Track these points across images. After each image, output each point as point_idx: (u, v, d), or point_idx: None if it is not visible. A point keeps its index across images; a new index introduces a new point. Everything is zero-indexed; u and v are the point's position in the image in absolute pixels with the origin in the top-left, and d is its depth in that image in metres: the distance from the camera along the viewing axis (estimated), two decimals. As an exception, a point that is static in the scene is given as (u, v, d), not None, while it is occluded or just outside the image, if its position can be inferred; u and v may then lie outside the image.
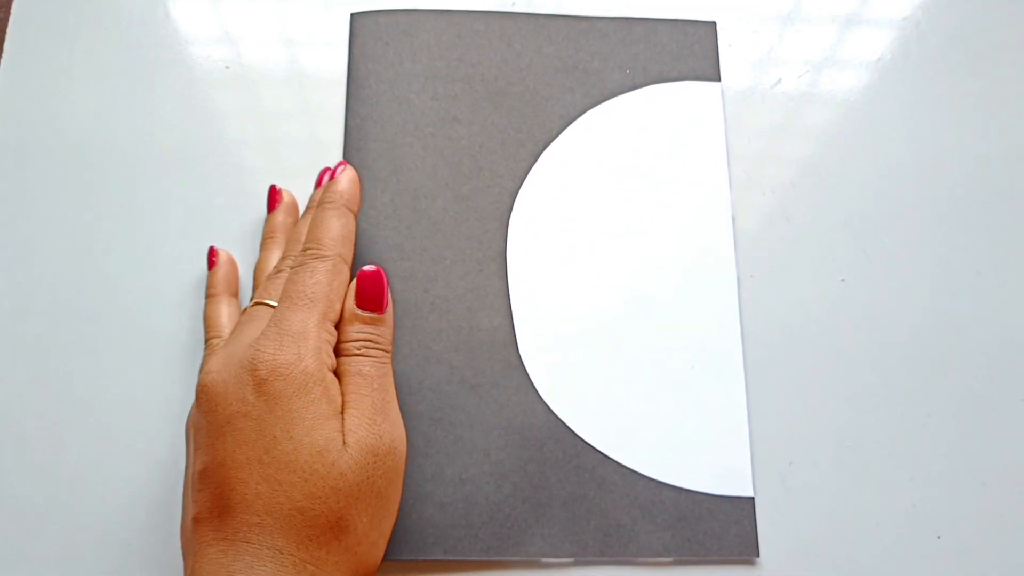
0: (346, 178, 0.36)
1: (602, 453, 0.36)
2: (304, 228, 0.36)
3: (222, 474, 0.29)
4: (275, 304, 0.33)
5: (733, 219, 0.40)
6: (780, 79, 0.43)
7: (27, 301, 0.38)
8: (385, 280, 0.34)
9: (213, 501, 0.29)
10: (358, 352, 0.33)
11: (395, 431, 0.32)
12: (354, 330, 0.33)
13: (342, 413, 0.31)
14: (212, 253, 0.38)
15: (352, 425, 0.31)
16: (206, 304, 0.37)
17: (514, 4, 0.43)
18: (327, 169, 0.38)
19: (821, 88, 0.43)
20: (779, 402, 0.38)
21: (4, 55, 0.41)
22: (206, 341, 0.36)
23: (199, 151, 0.40)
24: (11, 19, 0.42)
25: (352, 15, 0.42)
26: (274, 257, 0.37)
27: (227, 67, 0.42)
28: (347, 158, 0.40)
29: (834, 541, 0.36)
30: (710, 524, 0.36)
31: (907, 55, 0.44)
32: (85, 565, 0.35)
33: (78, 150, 0.40)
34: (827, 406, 0.38)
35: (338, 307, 0.33)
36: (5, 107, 0.41)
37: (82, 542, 0.35)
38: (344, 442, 0.30)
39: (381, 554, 0.32)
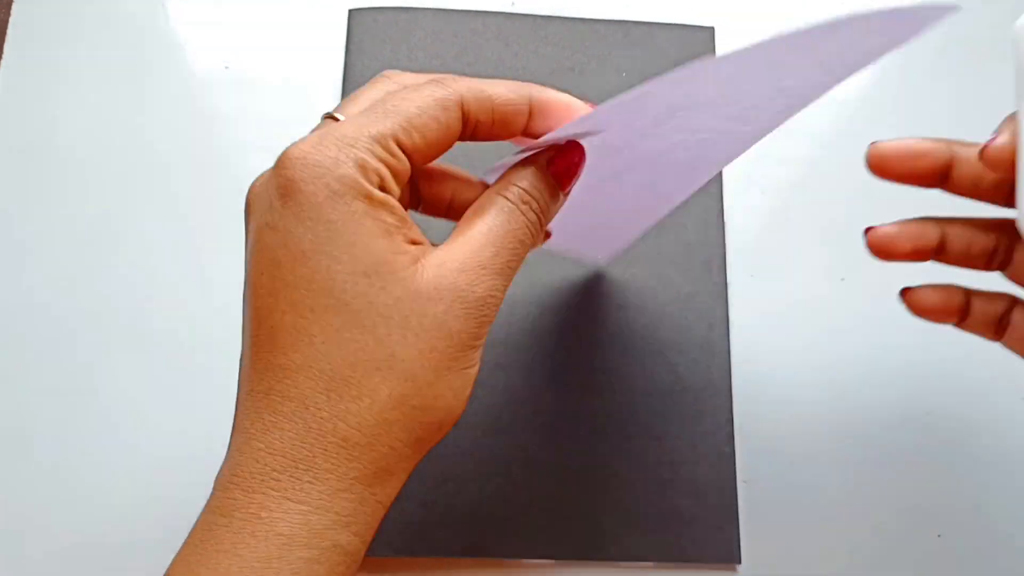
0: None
1: (588, 450, 0.36)
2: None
3: (257, 306, 0.24)
4: (335, 114, 0.27)
5: (724, 213, 0.40)
6: (778, 81, 0.43)
7: (27, 301, 0.38)
8: (582, 166, 0.27)
9: (249, 344, 0.24)
10: (514, 199, 0.26)
11: (496, 298, 0.25)
12: (526, 180, 0.26)
13: (447, 241, 0.25)
14: None
15: (451, 255, 0.24)
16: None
17: (513, 4, 0.43)
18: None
19: None
20: (778, 401, 0.38)
21: (4, 56, 0.41)
22: None
23: (198, 151, 0.40)
24: (11, 20, 0.42)
25: (350, 11, 0.43)
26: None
27: (226, 67, 0.42)
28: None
29: (834, 540, 0.36)
30: (692, 529, 0.36)
31: (907, 55, 0.43)
32: (85, 564, 0.35)
33: (77, 151, 0.40)
34: (826, 405, 0.38)
35: (419, 139, 0.25)
36: (5, 108, 0.41)
37: (84, 540, 0.35)
38: (417, 260, 0.24)
39: (451, 421, 0.25)
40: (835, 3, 0.45)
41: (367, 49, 0.42)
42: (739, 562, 0.36)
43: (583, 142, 0.27)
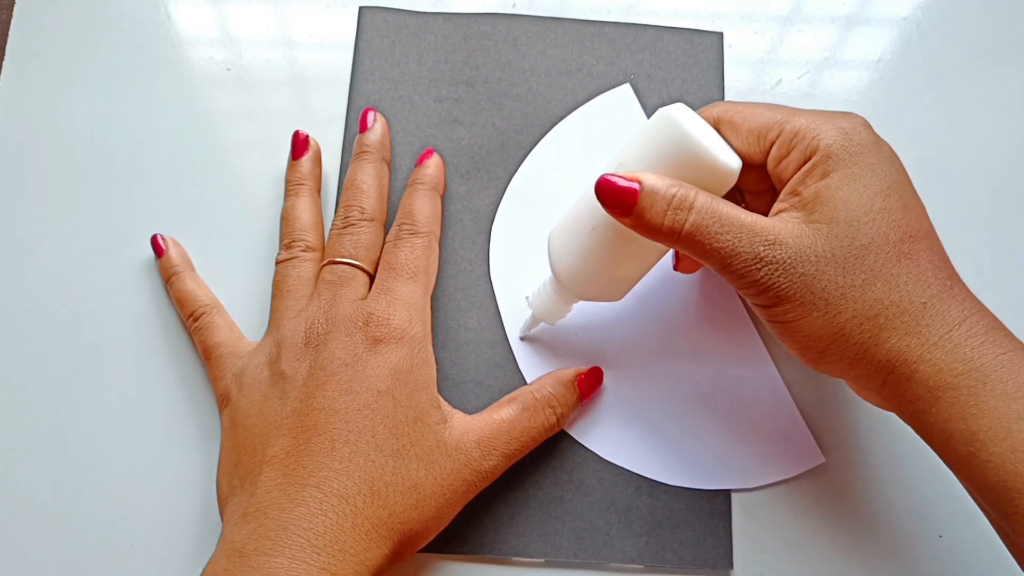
0: (434, 164, 0.39)
1: (585, 448, 0.37)
2: (367, 184, 0.37)
3: (318, 419, 0.31)
4: (357, 263, 0.35)
5: None
6: (780, 80, 0.43)
7: (28, 301, 0.39)
8: (601, 384, 0.38)
9: (298, 444, 0.31)
10: (542, 400, 0.35)
11: (498, 471, 0.34)
12: (557, 388, 0.36)
13: (478, 415, 0.34)
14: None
15: (474, 428, 0.33)
16: (177, 282, 0.38)
17: (515, 6, 0.43)
18: (368, 110, 0.40)
19: (822, 88, 0.43)
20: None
21: (6, 57, 0.42)
22: (200, 313, 0.37)
23: (200, 153, 0.41)
24: (13, 21, 0.42)
25: (361, 8, 0.43)
26: (306, 204, 0.38)
27: (228, 69, 0.42)
28: (347, 152, 0.41)
29: (832, 543, 0.36)
30: (685, 534, 0.36)
31: (907, 55, 0.43)
32: (84, 564, 0.35)
33: (80, 152, 0.41)
34: (826, 405, 0.38)
35: (433, 282, 0.36)
36: (8, 109, 0.41)
37: (84, 540, 0.36)
38: (446, 420, 0.33)
39: (426, 542, 0.33)
40: (838, 7, 0.44)
41: (376, 49, 0.42)
42: (731, 567, 0.36)
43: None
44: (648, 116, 0.42)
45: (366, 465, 0.30)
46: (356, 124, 0.41)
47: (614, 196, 0.30)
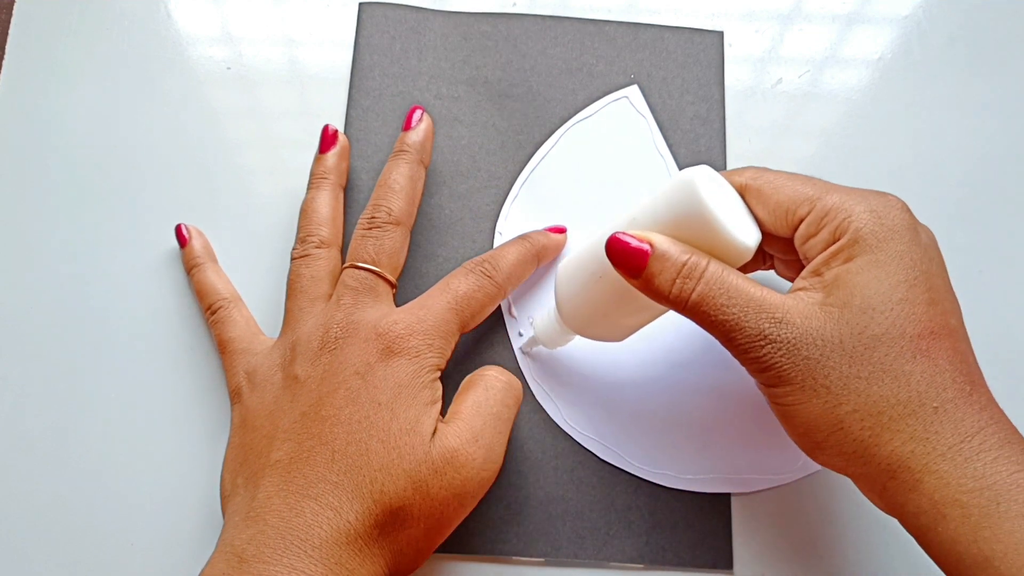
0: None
1: (585, 448, 0.37)
2: (400, 185, 0.36)
3: (322, 428, 0.31)
4: (379, 271, 0.34)
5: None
6: (781, 79, 0.43)
7: (29, 301, 0.39)
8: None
9: (300, 451, 0.30)
10: (496, 373, 0.34)
11: (487, 464, 0.32)
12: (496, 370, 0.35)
13: (448, 419, 0.32)
14: (180, 231, 0.39)
15: (453, 431, 0.31)
16: (198, 274, 0.38)
17: (515, 4, 0.43)
18: (416, 108, 0.38)
19: (822, 87, 0.43)
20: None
21: (7, 56, 0.42)
22: (218, 306, 0.37)
23: (201, 152, 0.41)
24: (13, 21, 0.42)
25: (360, 4, 0.43)
26: (325, 198, 0.37)
27: (228, 68, 0.42)
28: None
29: (831, 544, 0.36)
30: (685, 533, 0.36)
31: (908, 54, 0.43)
32: (84, 564, 0.36)
33: (80, 151, 0.41)
34: None
35: (473, 325, 0.35)
36: (8, 108, 0.41)
37: (83, 540, 0.36)
38: (433, 438, 0.31)
39: (423, 561, 0.32)
40: (839, 5, 0.44)
41: (376, 45, 0.42)
42: (731, 567, 0.36)
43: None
44: (655, 117, 0.42)
45: (360, 481, 0.30)
46: (357, 121, 0.41)
47: (624, 256, 0.29)
